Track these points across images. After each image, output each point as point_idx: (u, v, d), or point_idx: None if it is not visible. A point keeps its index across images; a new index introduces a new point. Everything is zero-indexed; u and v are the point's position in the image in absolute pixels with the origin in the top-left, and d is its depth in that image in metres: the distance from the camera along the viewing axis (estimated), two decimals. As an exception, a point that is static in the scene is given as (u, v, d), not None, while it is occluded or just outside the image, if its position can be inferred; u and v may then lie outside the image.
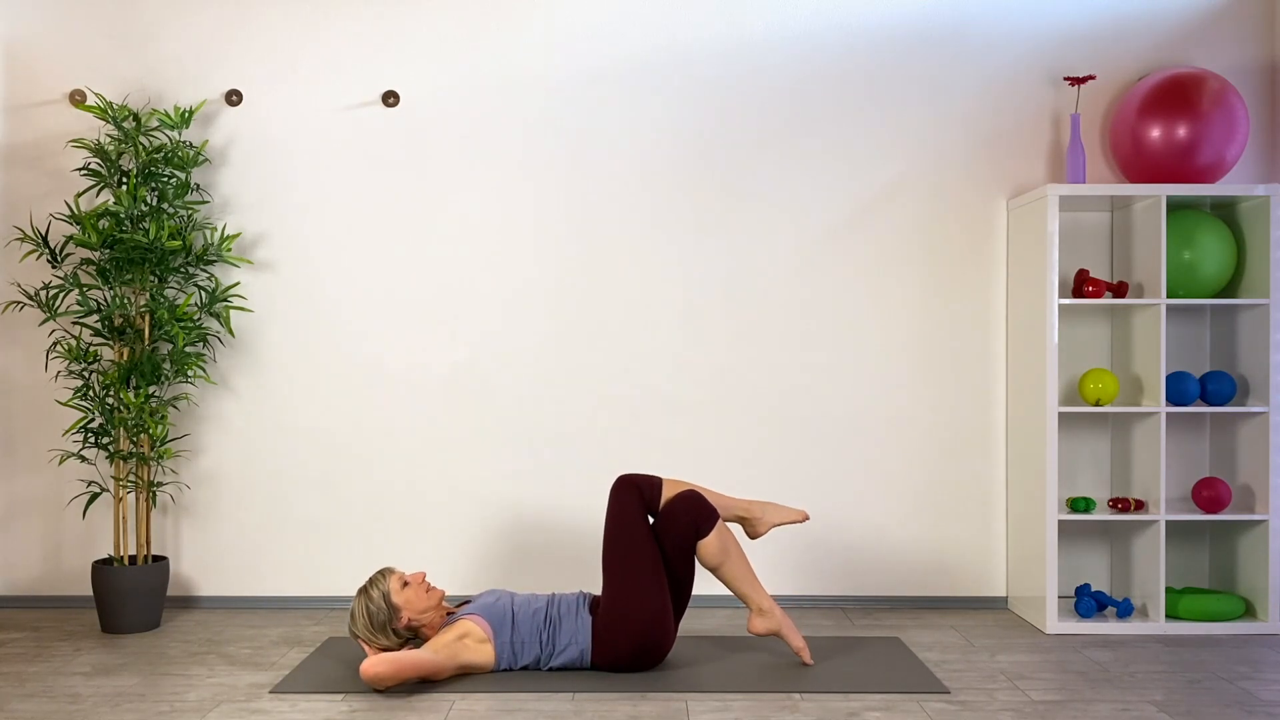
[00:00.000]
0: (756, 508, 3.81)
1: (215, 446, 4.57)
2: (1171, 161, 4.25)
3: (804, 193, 4.56)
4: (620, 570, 3.59)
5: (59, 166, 4.56)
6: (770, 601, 3.69)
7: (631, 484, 3.68)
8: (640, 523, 3.63)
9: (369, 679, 3.40)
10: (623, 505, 3.65)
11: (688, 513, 3.61)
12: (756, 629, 3.69)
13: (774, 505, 3.84)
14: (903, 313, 4.56)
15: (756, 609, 3.69)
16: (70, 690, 3.49)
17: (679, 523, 3.61)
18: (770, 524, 3.81)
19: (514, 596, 3.74)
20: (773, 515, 3.82)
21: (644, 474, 3.76)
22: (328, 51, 4.56)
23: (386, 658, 3.41)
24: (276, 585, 4.58)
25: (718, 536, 3.62)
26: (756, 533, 3.81)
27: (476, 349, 4.56)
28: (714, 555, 3.62)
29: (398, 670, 3.41)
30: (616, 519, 3.64)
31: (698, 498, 3.64)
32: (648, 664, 3.63)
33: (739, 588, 3.66)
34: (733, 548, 3.64)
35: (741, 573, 3.66)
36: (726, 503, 3.79)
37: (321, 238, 4.56)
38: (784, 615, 3.70)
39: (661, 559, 3.62)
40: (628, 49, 4.56)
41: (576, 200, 4.56)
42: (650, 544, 3.61)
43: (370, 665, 3.39)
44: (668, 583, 3.63)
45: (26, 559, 4.58)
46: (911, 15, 4.56)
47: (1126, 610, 4.20)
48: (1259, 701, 3.37)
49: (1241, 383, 4.35)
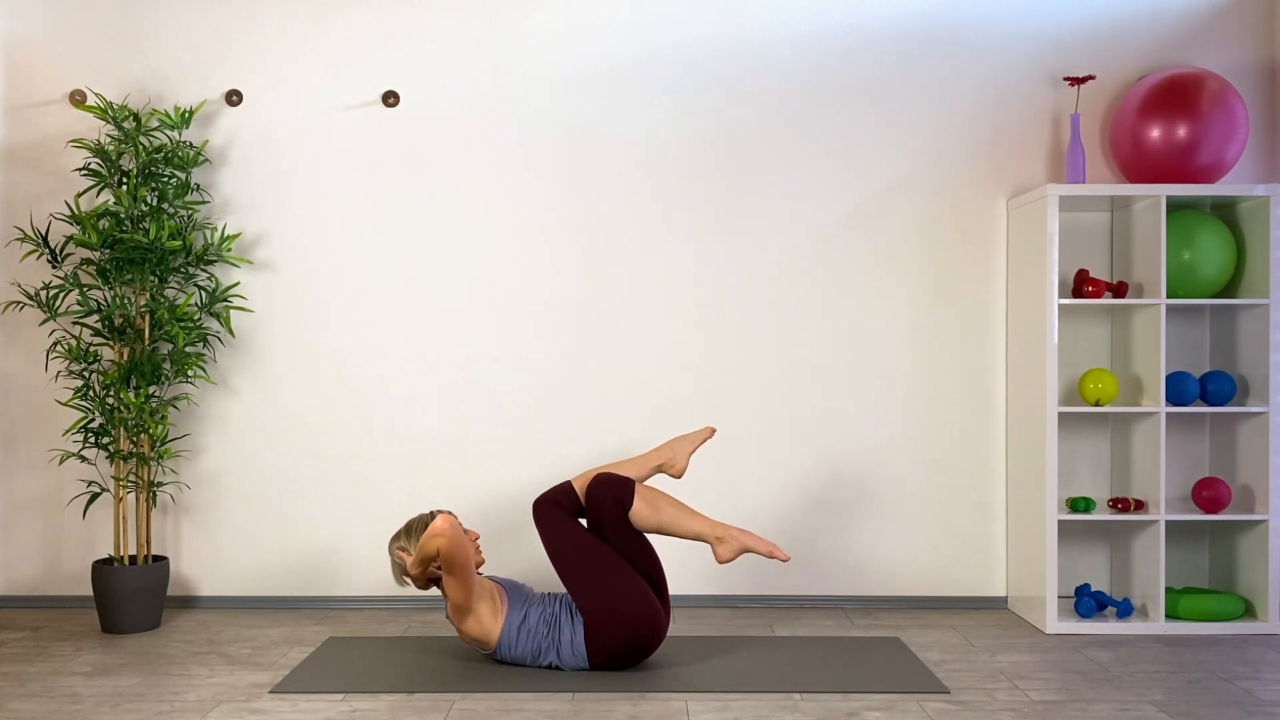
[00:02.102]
0: (666, 450, 3.87)
1: (215, 446, 4.57)
2: (1171, 161, 4.25)
3: (804, 193, 4.56)
4: (585, 580, 3.61)
5: (59, 166, 4.56)
6: (723, 527, 3.70)
7: (547, 501, 3.74)
8: (575, 529, 3.68)
9: (437, 530, 3.47)
10: (552, 524, 3.70)
11: (606, 494, 3.66)
12: (723, 556, 3.69)
13: (680, 438, 3.89)
14: (903, 312, 4.57)
15: (714, 539, 3.69)
16: (70, 690, 3.49)
17: (604, 506, 3.65)
18: (685, 455, 3.87)
19: (533, 591, 3.79)
20: (683, 446, 3.87)
21: (551, 487, 3.82)
22: (328, 51, 4.56)
23: (455, 522, 3.52)
24: (276, 585, 4.58)
25: (642, 500, 3.67)
26: (678, 469, 3.86)
27: (477, 348, 4.57)
28: (647, 517, 3.66)
29: (457, 534, 3.48)
30: (553, 538, 3.68)
31: (608, 476, 3.69)
32: (649, 649, 3.63)
33: (686, 530, 3.68)
34: (661, 501, 3.68)
35: (680, 518, 3.69)
36: (635, 465, 3.84)
37: (322, 237, 4.56)
38: (741, 531, 3.70)
39: (611, 549, 3.65)
40: (628, 49, 4.56)
41: (576, 200, 4.56)
42: (595, 543, 3.65)
43: (445, 519, 3.51)
44: (632, 566, 3.65)
45: (26, 559, 4.58)
46: (912, 16, 4.56)
47: (1126, 610, 4.20)
48: (1259, 701, 3.37)
49: (1241, 383, 4.35)
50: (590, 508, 3.70)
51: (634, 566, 3.66)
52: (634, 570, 3.64)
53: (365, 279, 4.56)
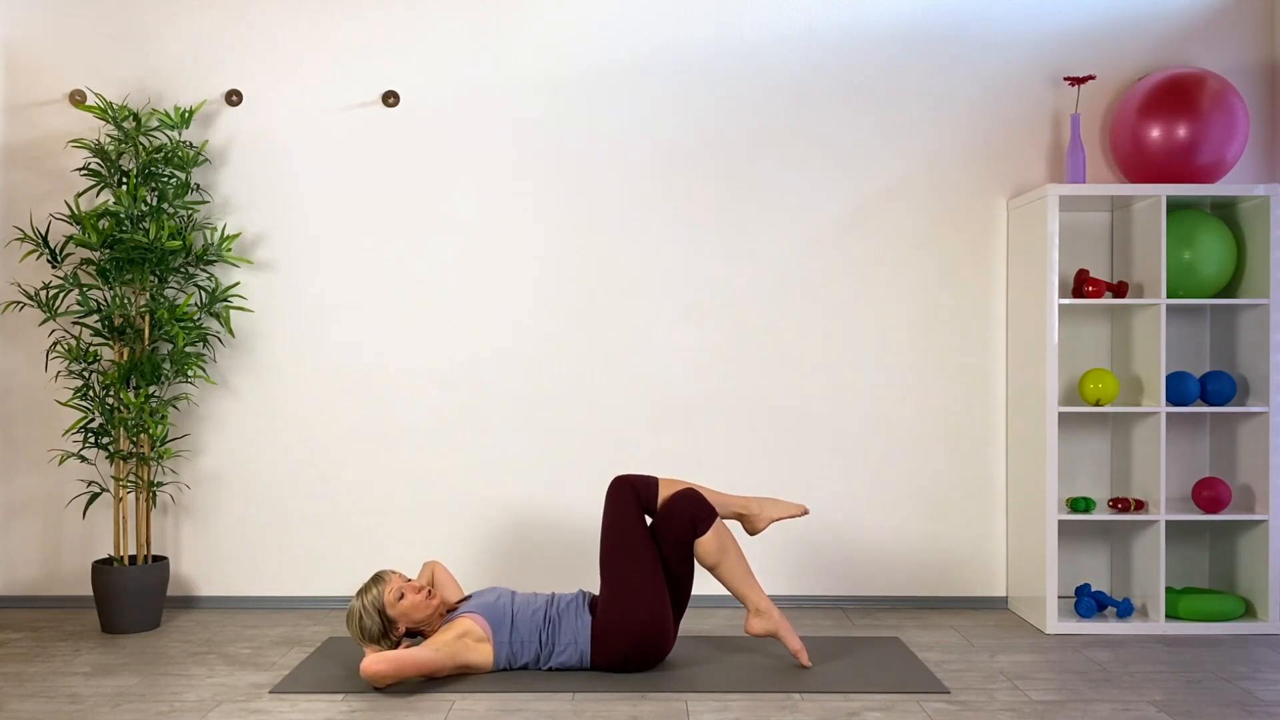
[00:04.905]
0: (755, 504, 3.80)
1: (215, 446, 4.57)
2: (1171, 161, 4.25)
3: (804, 193, 4.56)
4: (618, 572, 3.59)
5: (59, 166, 4.56)
6: (768, 602, 3.69)
7: (628, 484, 3.67)
8: (638, 524, 3.63)
9: (369, 677, 3.40)
10: (619, 507, 3.65)
11: (685, 511, 3.61)
12: (754, 630, 3.68)
13: (772, 500, 3.82)
14: (903, 312, 4.56)
15: (754, 609, 3.68)
16: (70, 690, 3.49)
17: (677, 521, 3.60)
18: (769, 519, 3.80)
19: (514, 595, 3.73)
20: (771, 510, 3.80)
21: (640, 474, 3.75)
22: (328, 51, 4.56)
23: (386, 656, 3.41)
24: (276, 585, 4.58)
25: (715, 535, 3.62)
26: (756, 529, 3.80)
27: (477, 348, 4.57)
28: (712, 554, 3.62)
29: (398, 669, 3.41)
30: (613, 521, 3.64)
31: (695, 495, 3.64)
32: (647, 664, 3.62)
33: (737, 587, 3.66)
34: (731, 546, 3.64)
35: (739, 572, 3.65)
36: (724, 500, 3.78)
37: (321, 237, 4.56)
38: (782, 616, 3.69)
39: (659, 560, 3.62)
40: (627, 49, 4.56)
41: (576, 200, 4.56)
42: (648, 545, 3.61)
43: (370, 664, 3.40)
44: (666, 583, 3.63)
45: (26, 559, 4.58)
46: (911, 15, 4.56)
47: (1126, 610, 4.20)
48: (1259, 701, 3.37)
49: (1241, 383, 4.35)
50: (664, 514, 3.64)
51: (669, 584, 3.66)
52: (666, 587, 3.62)
53: (365, 279, 4.56)
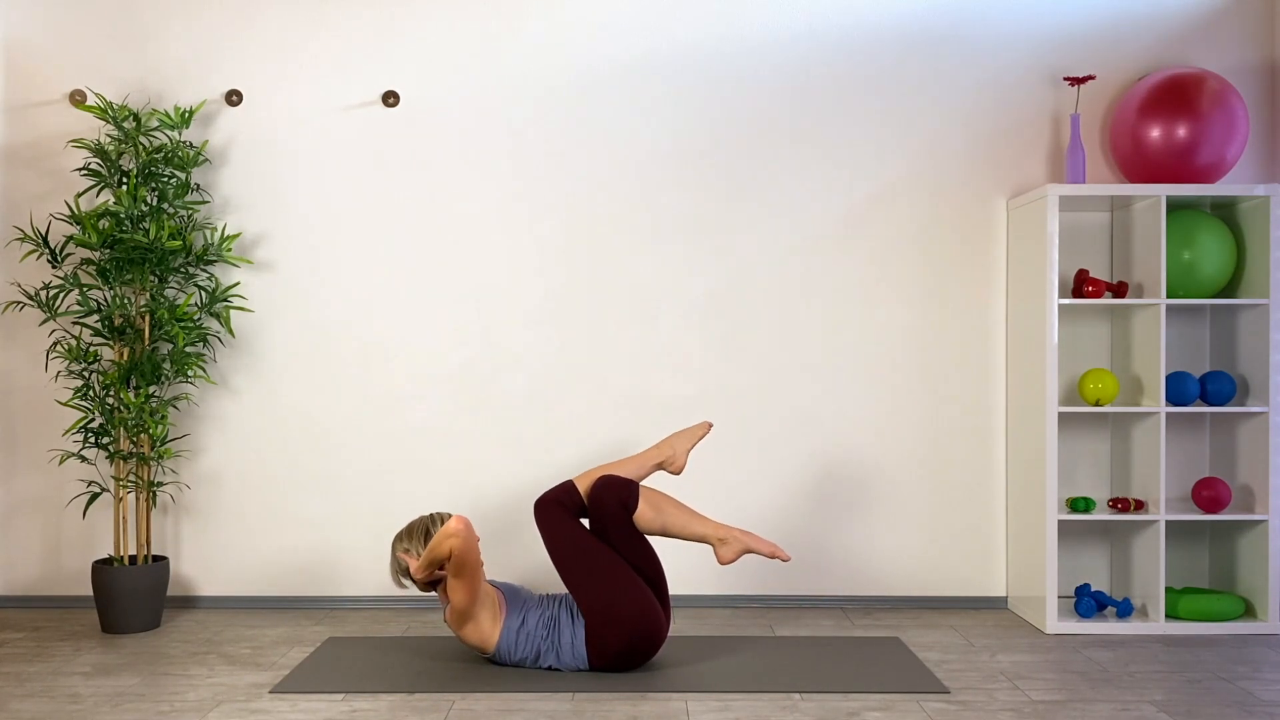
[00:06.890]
0: (664, 447, 3.85)
1: (215, 446, 4.57)
2: (1171, 161, 4.25)
3: (804, 193, 4.56)
4: (587, 581, 3.61)
5: (59, 166, 4.56)
6: (725, 528, 3.71)
7: (549, 501, 3.73)
8: (577, 530, 3.67)
9: (451, 530, 3.43)
10: (553, 524, 3.69)
11: (611, 496, 3.66)
12: (725, 558, 3.70)
13: (676, 435, 3.87)
14: (902, 312, 4.57)
15: (717, 541, 3.71)
16: (70, 690, 3.49)
17: (608, 509, 3.65)
18: (684, 451, 3.85)
19: (531, 594, 3.78)
20: (681, 444, 3.85)
21: (553, 486, 3.81)
22: (328, 51, 4.56)
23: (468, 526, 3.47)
24: (276, 585, 4.58)
25: (646, 503, 3.68)
26: (678, 466, 3.84)
27: (477, 348, 4.57)
28: (651, 520, 3.67)
29: (471, 535, 3.44)
30: (556, 538, 3.67)
31: (612, 479, 3.69)
32: (651, 651, 3.63)
33: (689, 532, 3.70)
34: (664, 503, 3.70)
35: (683, 519, 3.70)
36: (638, 463, 3.82)
37: (322, 237, 4.56)
38: (743, 533, 3.72)
39: (614, 551, 3.65)
40: (627, 49, 4.56)
41: (575, 200, 4.56)
42: (597, 545, 3.64)
43: (459, 519, 3.45)
44: (633, 569, 3.65)
45: (26, 559, 4.58)
46: (911, 15, 4.56)
47: (1126, 610, 4.20)
48: (1259, 701, 3.37)
49: (1241, 383, 4.35)
50: (593, 509, 3.69)
51: (636, 569, 3.67)
52: (635, 573, 3.64)
53: (365, 279, 4.56)
